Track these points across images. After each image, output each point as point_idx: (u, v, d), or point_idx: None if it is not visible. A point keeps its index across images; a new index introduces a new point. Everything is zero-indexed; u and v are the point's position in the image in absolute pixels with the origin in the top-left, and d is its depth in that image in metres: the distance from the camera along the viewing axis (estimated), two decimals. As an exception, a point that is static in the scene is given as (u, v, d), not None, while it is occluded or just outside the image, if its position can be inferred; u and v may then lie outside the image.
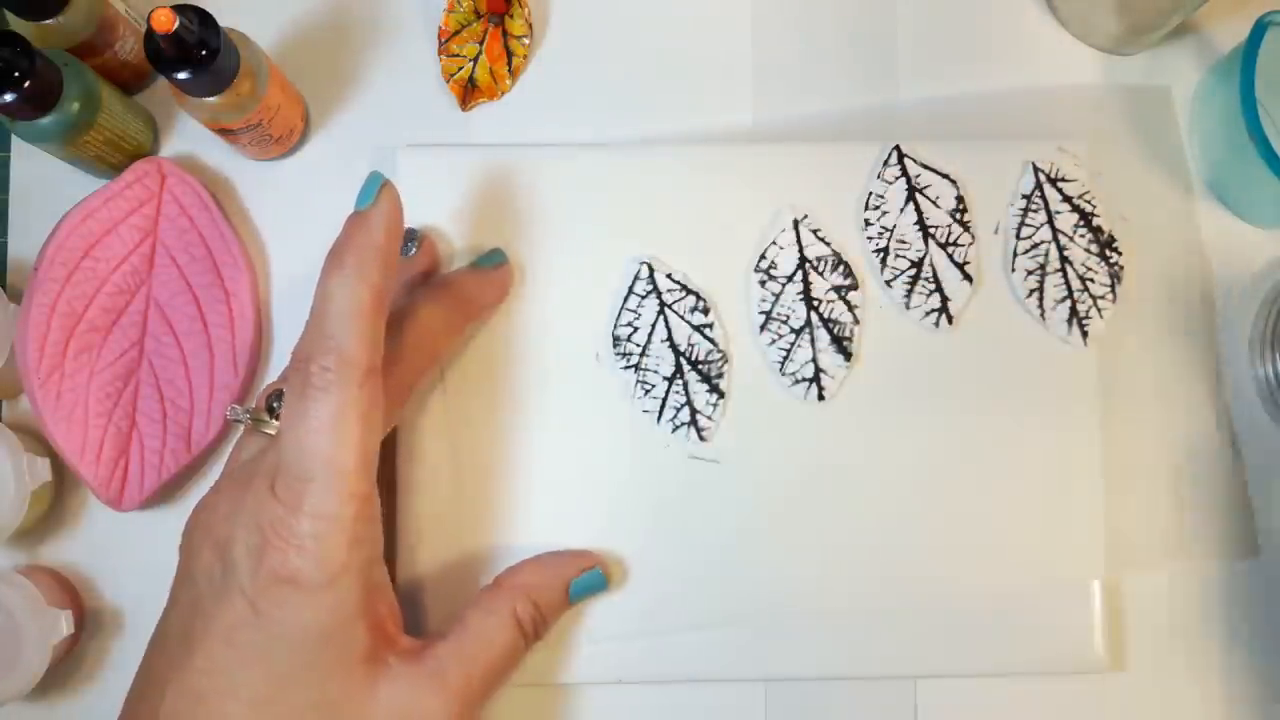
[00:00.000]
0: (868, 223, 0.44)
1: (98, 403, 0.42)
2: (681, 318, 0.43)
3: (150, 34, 0.36)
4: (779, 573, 0.42)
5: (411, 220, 0.43)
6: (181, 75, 0.37)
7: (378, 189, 0.35)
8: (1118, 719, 0.44)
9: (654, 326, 0.43)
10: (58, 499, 0.44)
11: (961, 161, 0.44)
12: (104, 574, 0.44)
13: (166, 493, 0.43)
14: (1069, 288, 0.43)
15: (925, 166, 0.44)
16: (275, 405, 0.37)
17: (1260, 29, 0.42)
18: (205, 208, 0.44)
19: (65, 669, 0.43)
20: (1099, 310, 0.43)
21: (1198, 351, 0.45)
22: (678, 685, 0.43)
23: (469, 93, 0.46)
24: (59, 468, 0.43)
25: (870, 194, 0.44)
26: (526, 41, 0.46)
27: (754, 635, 0.42)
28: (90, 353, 0.43)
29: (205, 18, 0.37)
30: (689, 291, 0.43)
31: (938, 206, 0.44)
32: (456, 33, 0.46)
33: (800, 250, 0.43)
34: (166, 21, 0.35)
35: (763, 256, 0.43)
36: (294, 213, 0.45)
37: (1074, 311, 0.43)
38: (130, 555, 0.43)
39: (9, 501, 0.41)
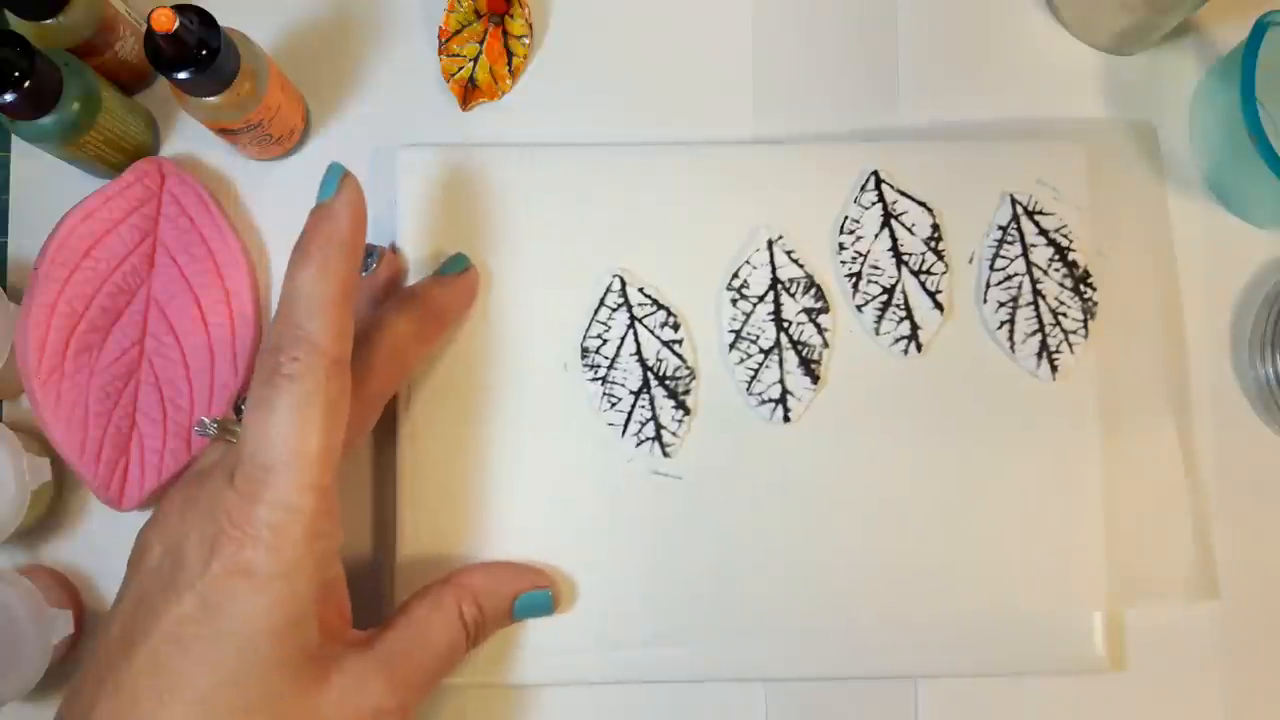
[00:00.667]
0: (842, 246, 0.44)
1: (98, 403, 0.42)
2: (651, 332, 0.43)
3: (150, 34, 0.36)
4: (736, 592, 0.42)
5: (410, 221, 0.43)
6: (181, 75, 0.37)
7: (339, 180, 0.35)
8: (1118, 719, 0.44)
9: (623, 340, 0.43)
10: (58, 499, 0.44)
11: (939, 189, 0.44)
12: (104, 574, 0.44)
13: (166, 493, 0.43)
14: (1040, 321, 0.43)
15: (902, 193, 0.44)
16: (244, 406, 0.37)
17: (1260, 29, 0.42)
18: (205, 208, 0.44)
19: (65, 669, 0.43)
20: (1070, 345, 0.43)
21: (1173, 365, 0.45)
22: (678, 685, 0.43)
23: (469, 93, 0.46)
24: (59, 468, 0.43)
25: (846, 218, 0.44)
26: (526, 41, 0.46)
27: (711, 649, 0.42)
28: (90, 353, 0.43)
29: (205, 17, 0.37)
30: (660, 306, 0.43)
31: (913, 233, 0.44)
32: (457, 33, 0.46)
33: (773, 271, 0.43)
34: (167, 21, 0.35)
35: (735, 275, 0.43)
36: (294, 213, 0.45)
37: (1044, 345, 0.43)
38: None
39: (9, 501, 0.41)
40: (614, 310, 0.43)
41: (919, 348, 0.43)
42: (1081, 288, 0.44)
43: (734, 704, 0.43)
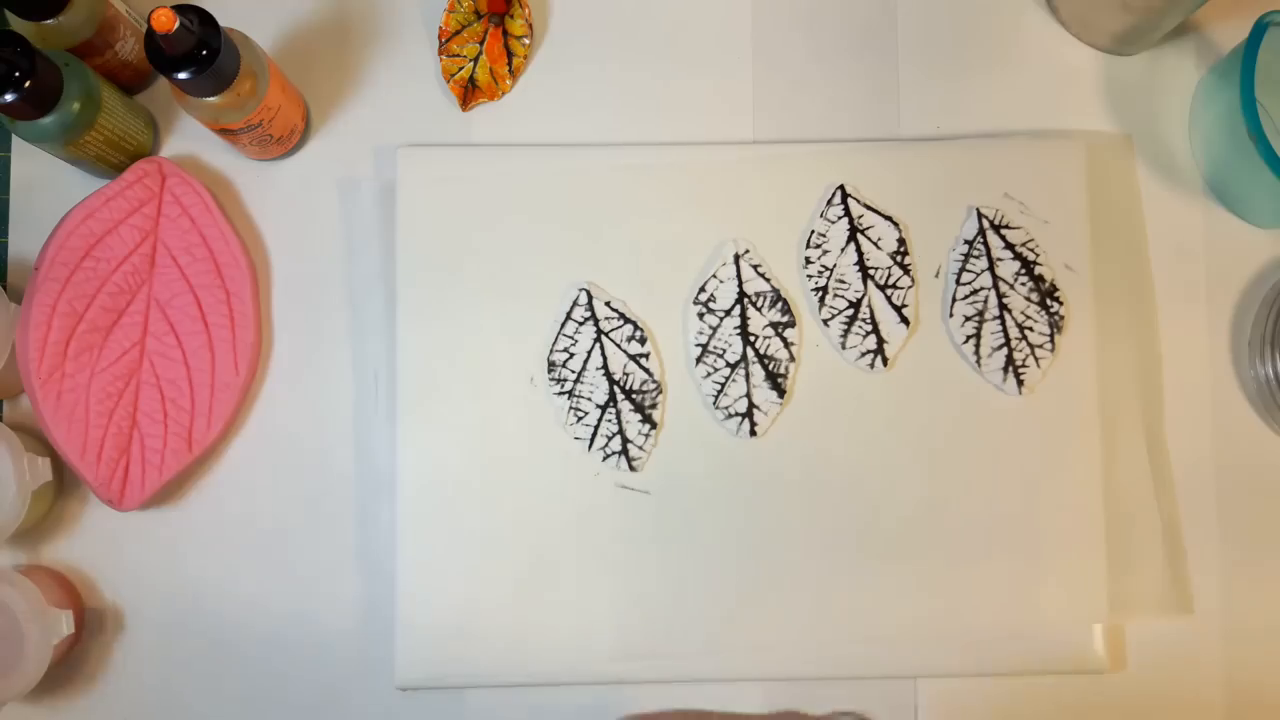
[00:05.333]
0: (808, 260, 0.44)
1: (98, 402, 0.42)
2: (618, 346, 0.43)
3: (151, 34, 0.36)
4: (701, 606, 0.42)
5: (409, 220, 0.43)
6: (182, 75, 0.37)
7: None
8: (1118, 719, 0.44)
9: (590, 353, 0.43)
10: (58, 499, 0.44)
11: (905, 204, 0.44)
12: (104, 574, 0.44)
13: (167, 493, 0.44)
14: (1007, 335, 0.43)
15: (868, 207, 0.44)
16: None
17: (1260, 29, 0.42)
18: (206, 208, 0.44)
19: (65, 669, 0.43)
20: (1036, 359, 0.43)
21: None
22: (678, 685, 0.43)
23: (469, 93, 0.46)
24: (59, 468, 0.43)
25: (812, 232, 0.44)
26: (526, 42, 0.46)
27: (677, 660, 0.42)
28: (91, 353, 0.43)
29: (206, 18, 0.37)
30: (627, 320, 0.43)
31: (879, 248, 0.44)
32: (457, 33, 0.46)
33: (740, 284, 0.43)
34: (167, 22, 0.35)
35: (702, 288, 0.43)
36: (294, 213, 0.45)
37: (1010, 359, 0.43)
38: (130, 555, 0.44)
39: (9, 501, 0.41)
40: (580, 324, 0.43)
41: (885, 362, 0.43)
42: (1048, 301, 0.43)
43: (734, 704, 0.43)
